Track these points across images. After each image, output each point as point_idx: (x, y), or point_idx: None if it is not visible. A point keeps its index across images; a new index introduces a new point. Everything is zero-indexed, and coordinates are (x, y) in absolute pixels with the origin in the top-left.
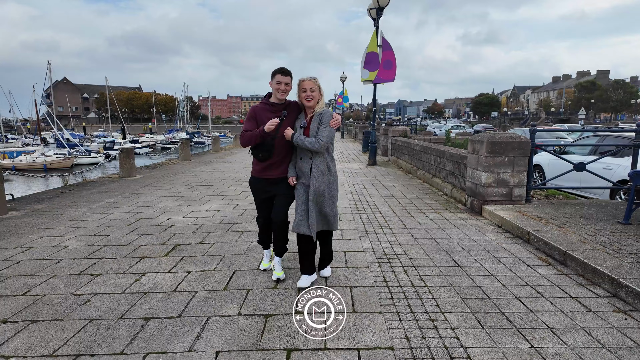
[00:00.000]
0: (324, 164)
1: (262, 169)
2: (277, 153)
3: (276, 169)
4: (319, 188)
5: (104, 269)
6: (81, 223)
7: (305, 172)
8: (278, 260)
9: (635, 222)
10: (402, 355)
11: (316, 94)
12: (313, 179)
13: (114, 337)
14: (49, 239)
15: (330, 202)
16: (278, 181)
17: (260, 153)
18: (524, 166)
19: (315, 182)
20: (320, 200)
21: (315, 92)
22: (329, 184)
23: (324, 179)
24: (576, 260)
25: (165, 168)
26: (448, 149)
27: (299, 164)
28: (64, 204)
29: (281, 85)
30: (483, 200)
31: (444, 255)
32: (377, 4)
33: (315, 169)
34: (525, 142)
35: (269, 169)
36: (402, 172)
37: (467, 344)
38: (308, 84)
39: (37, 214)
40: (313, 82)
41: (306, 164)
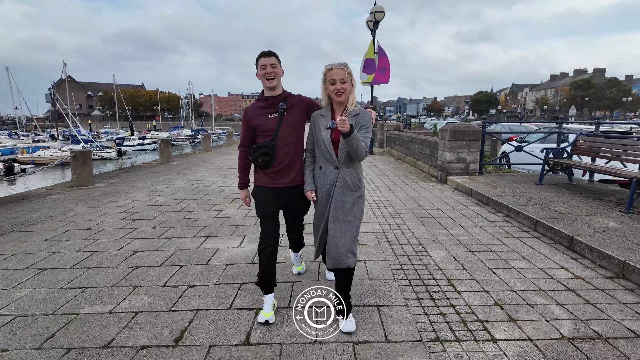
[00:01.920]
0: (355, 176)
1: (266, 177)
2: (280, 158)
3: (284, 177)
4: (343, 206)
5: (194, 209)
6: (156, 189)
7: (327, 187)
8: (296, 255)
9: (546, 183)
10: (380, 236)
11: (347, 86)
12: (337, 195)
13: (223, 232)
14: (141, 198)
15: (353, 227)
16: (289, 193)
17: (260, 158)
18: (478, 148)
19: (339, 199)
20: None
21: (346, 84)
22: (354, 202)
23: (350, 195)
24: (493, 201)
25: (193, 157)
26: (427, 138)
27: (318, 176)
28: (131, 179)
29: (266, 68)
30: (448, 172)
31: (413, 201)
32: (374, 19)
33: (341, 183)
34: (478, 130)
35: (273, 177)
36: (394, 159)
37: (415, 232)
38: (338, 72)
39: (116, 185)
40: (344, 69)
41: (329, 176)
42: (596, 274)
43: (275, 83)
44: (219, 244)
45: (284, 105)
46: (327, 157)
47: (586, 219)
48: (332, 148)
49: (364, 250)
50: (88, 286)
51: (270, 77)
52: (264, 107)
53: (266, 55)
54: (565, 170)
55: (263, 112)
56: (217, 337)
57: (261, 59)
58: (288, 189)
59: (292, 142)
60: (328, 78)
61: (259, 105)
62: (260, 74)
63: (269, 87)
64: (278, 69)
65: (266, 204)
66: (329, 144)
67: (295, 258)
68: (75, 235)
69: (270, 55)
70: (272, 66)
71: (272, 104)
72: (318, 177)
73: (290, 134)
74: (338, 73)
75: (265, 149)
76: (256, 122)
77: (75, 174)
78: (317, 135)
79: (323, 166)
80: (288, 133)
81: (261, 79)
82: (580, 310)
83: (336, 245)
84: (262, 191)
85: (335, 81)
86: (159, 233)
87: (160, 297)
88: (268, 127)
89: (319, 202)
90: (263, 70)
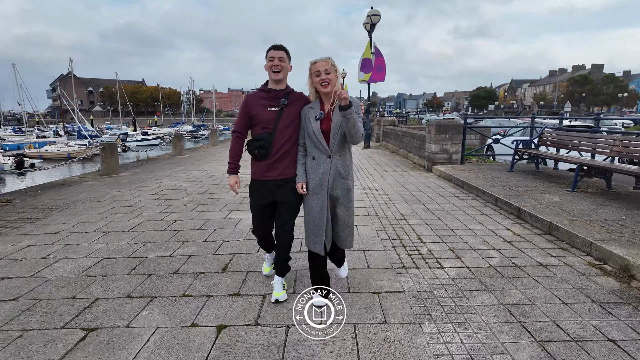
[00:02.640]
0: (345, 165)
1: (260, 169)
2: (275, 150)
3: (275, 169)
4: (338, 195)
5: (215, 192)
6: (176, 177)
7: (320, 176)
8: (279, 280)
9: (517, 171)
10: (370, 210)
11: (333, 77)
12: (331, 183)
13: (242, 208)
14: (166, 183)
15: (348, 213)
16: (279, 185)
17: (256, 150)
18: (459, 140)
19: (333, 187)
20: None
21: (331, 75)
22: (348, 190)
23: (343, 183)
24: (467, 184)
25: (202, 151)
26: (417, 132)
27: (311, 167)
28: (151, 169)
29: (274, 60)
30: (433, 162)
31: (400, 186)
32: (371, 21)
33: (334, 172)
34: (460, 124)
35: (266, 170)
36: (389, 152)
37: (398, 207)
38: (322, 65)
39: (139, 174)
40: (327, 62)
41: (321, 165)
42: (530, 232)
43: (281, 76)
44: (241, 215)
45: (286, 101)
46: (319, 147)
47: (537, 196)
48: (322, 138)
49: (356, 220)
50: (147, 242)
51: (276, 70)
52: (266, 98)
53: (276, 49)
54: (533, 159)
55: (263, 103)
56: (251, 267)
57: (271, 51)
58: (277, 181)
59: (288, 137)
60: (313, 71)
61: (261, 95)
62: (267, 66)
63: (274, 80)
64: (285, 64)
65: (258, 199)
66: (320, 135)
67: (278, 282)
68: (121, 210)
69: (281, 49)
70: (280, 59)
71: (275, 97)
72: (311, 167)
73: (287, 129)
74: (322, 65)
75: (263, 142)
76: (254, 112)
77: (104, 163)
78: (308, 127)
79: (316, 157)
80: (285, 128)
81: (268, 71)
82: (509, 252)
83: (339, 228)
84: (254, 184)
85: (320, 72)
86: (191, 208)
87: (204, 247)
88: (266, 118)
89: (312, 191)
90: (271, 62)
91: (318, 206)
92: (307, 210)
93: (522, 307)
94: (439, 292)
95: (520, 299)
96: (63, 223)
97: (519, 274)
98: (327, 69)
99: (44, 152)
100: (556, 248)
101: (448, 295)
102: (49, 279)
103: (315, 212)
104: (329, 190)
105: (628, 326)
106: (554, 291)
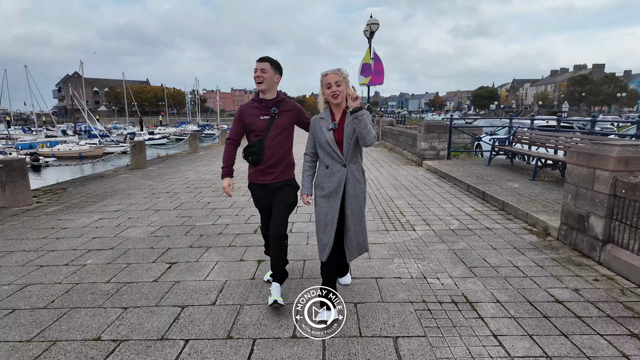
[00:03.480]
0: (360, 170)
1: (256, 174)
2: (268, 156)
3: (269, 174)
4: (358, 199)
5: (235, 182)
6: (198, 171)
7: (336, 184)
8: (276, 285)
9: (494, 164)
10: None
11: (343, 89)
12: (349, 190)
13: None
14: (191, 176)
15: (361, 216)
16: (274, 188)
17: (249, 156)
18: (446, 139)
19: (352, 194)
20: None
21: (342, 87)
22: (362, 193)
23: (360, 187)
24: (448, 175)
25: (215, 149)
26: (411, 131)
27: (323, 174)
28: (173, 164)
29: (257, 71)
30: (423, 158)
31: (392, 177)
32: (370, 29)
33: (352, 179)
34: (446, 124)
35: (261, 174)
36: (387, 150)
37: (388, 193)
38: (332, 77)
39: (165, 168)
40: (338, 74)
41: (336, 174)
42: (488, 209)
43: (264, 87)
44: None
45: (276, 110)
46: (333, 157)
47: (502, 183)
48: (337, 147)
49: None
50: (191, 216)
51: (258, 81)
52: (258, 107)
53: (260, 60)
54: (507, 154)
55: (256, 112)
56: None
57: (256, 63)
58: (273, 184)
59: (279, 143)
60: (324, 83)
61: (254, 105)
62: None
63: (259, 90)
64: (268, 74)
65: (257, 199)
66: (334, 144)
67: (275, 288)
68: (161, 195)
69: (265, 60)
70: (262, 70)
71: (266, 107)
72: (324, 176)
73: (277, 136)
74: (333, 77)
75: (254, 148)
76: (248, 120)
77: (134, 159)
78: (320, 137)
79: (330, 165)
80: (276, 135)
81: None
82: (467, 221)
83: (356, 236)
84: (253, 187)
85: (330, 85)
86: (218, 194)
87: (236, 219)
88: (258, 127)
89: (325, 199)
90: (255, 73)
91: (331, 213)
92: (317, 218)
93: (463, 251)
94: (408, 243)
95: (464, 246)
96: (118, 204)
97: (469, 234)
98: (337, 80)
99: (57, 151)
100: (503, 219)
101: (414, 245)
102: (128, 238)
103: (328, 219)
104: (346, 196)
105: (531, 260)
106: (490, 243)
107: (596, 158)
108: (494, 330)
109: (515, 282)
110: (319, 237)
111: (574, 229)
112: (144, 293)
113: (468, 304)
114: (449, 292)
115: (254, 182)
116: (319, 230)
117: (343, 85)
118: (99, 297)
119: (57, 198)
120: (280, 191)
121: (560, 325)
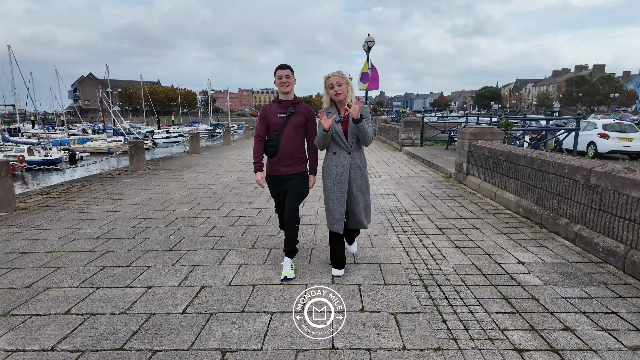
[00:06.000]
0: (362, 158)
1: (272, 166)
2: (283, 149)
3: (284, 166)
4: (359, 183)
5: None
6: (240, 154)
7: (342, 168)
8: (288, 261)
9: (450, 149)
10: None
11: (344, 87)
12: (352, 174)
13: None
14: (236, 156)
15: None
16: (287, 178)
17: (268, 149)
18: (419, 131)
19: (355, 178)
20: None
21: (343, 86)
22: (365, 178)
23: (360, 174)
24: (415, 155)
25: (241, 142)
26: (397, 126)
27: (332, 160)
28: (217, 151)
29: (282, 78)
30: (403, 145)
31: (378, 157)
32: (367, 45)
33: (354, 165)
34: (419, 120)
35: (277, 166)
36: (380, 142)
37: (373, 165)
38: (334, 79)
39: (213, 153)
40: (339, 76)
41: (342, 160)
42: (428, 169)
43: (289, 89)
44: None
45: (293, 110)
46: (340, 145)
47: (443, 157)
48: (344, 136)
49: None
50: (224, 196)
51: (284, 86)
52: (277, 107)
53: (282, 68)
54: None
55: (275, 111)
56: None
57: (279, 71)
58: (286, 176)
59: (294, 138)
60: (327, 84)
61: (274, 105)
62: (277, 82)
63: (283, 92)
64: (291, 79)
65: (272, 189)
66: (342, 133)
67: (287, 262)
68: (224, 167)
69: (286, 68)
70: (287, 77)
71: (284, 107)
72: (332, 160)
73: (292, 132)
74: (334, 79)
75: (272, 141)
76: (268, 118)
77: (192, 146)
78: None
79: (337, 152)
80: (291, 131)
81: (278, 86)
82: (413, 173)
83: (358, 211)
84: (268, 178)
85: (333, 85)
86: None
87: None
88: (276, 123)
89: (333, 181)
90: (279, 80)
91: (339, 193)
92: (327, 197)
93: (402, 182)
94: (374, 181)
95: (404, 182)
96: (202, 170)
97: (410, 178)
98: (339, 81)
99: (87, 147)
100: (433, 172)
101: (378, 182)
102: (225, 180)
103: (335, 198)
104: (350, 180)
105: (436, 187)
106: (419, 182)
107: (463, 134)
108: (408, 210)
109: (422, 191)
110: (330, 212)
111: (458, 171)
112: (247, 194)
113: (393, 195)
114: (387, 193)
115: (270, 174)
116: (330, 207)
117: (344, 84)
118: (224, 200)
119: (158, 167)
120: (292, 181)
121: (432, 201)
